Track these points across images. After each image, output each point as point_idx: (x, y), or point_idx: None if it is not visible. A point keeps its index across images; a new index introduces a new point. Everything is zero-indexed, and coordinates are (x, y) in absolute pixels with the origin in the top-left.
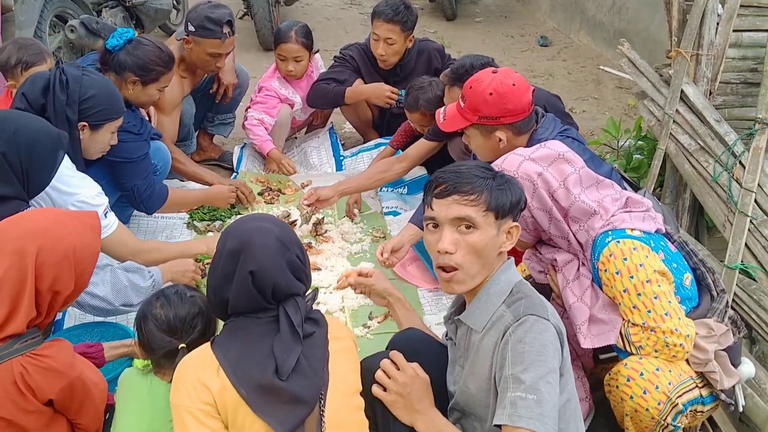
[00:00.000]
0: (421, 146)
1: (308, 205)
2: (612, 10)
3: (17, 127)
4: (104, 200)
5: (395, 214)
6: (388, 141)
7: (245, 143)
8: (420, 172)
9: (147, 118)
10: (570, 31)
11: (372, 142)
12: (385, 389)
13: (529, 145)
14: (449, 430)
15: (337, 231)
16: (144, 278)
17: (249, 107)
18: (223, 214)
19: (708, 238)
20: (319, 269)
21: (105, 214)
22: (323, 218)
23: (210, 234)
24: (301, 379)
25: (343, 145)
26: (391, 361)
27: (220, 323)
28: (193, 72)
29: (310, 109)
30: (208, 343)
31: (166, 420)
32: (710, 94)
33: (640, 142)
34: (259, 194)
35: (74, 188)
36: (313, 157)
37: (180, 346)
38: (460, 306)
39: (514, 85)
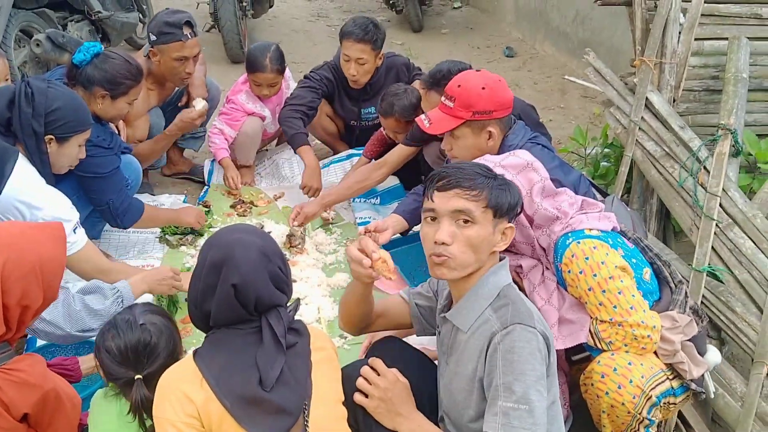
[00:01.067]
0: (400, 151)
1: (299, 225)
2: (576, 20)
3: None
4: (75, 215)
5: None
6: (359, 151)
7: None
8: (393, 182)
9: (116, 132)
10: (535, 41)
11: (344, 153)
12: (366, 396)
13: (500, 151)
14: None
15: (311, 242)
16: (105, 297)
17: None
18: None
19: (675, 242)
20: (294, 281)
21: (74, 230)
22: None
23: (183, 248)
24: (284, 389)
25: None
26: (371, 367)
27: (197, 336)
28: (161, 85)
29: None
30: (191, 355)
31: None
32: (674, 101)
33: (606, 150)
34: (231, 207)
35: (44, 203)
36: (285, 169)
37: (136, 377)
38: (448, 302)
39: (499, 80)
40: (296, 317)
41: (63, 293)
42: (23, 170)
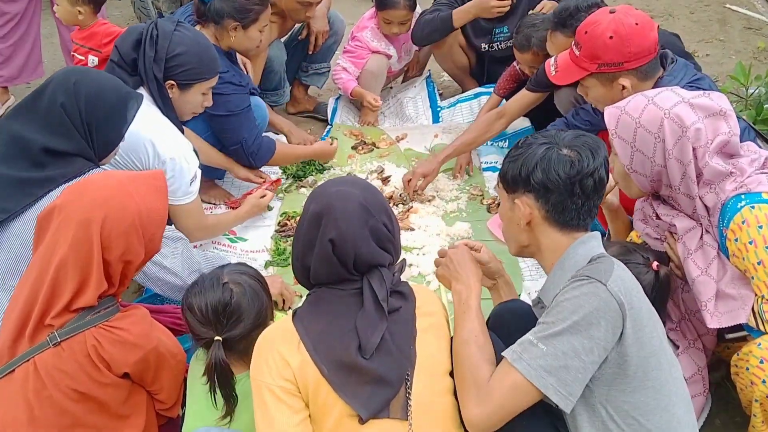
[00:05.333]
0: (522, 99)
1: (414, 191)
2: None
3: (78, 79)
4: (195, 163)
5: (494, 170)
6: (489, 89)
7: (340, 94)
8: (524, 123)
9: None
10: None
11: (471, 92)
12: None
13: None
14: (474, 304)
15: (432, 187)
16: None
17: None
18: (315, 169)
19: None
20: (412, 229)
21: (191, 181)
22: None
23: (303, 190)
24: (385, 357)
25: (440, 95)
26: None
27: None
28: (283, 17)
29: (405, 60)
30: (290, 316)
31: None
32: None
33: None
34: (353, 148)
35: (167, 146)
36: (408, 108)
37: (215, 338)
38: None
39: (636, 24)
40: (414, 269)
41: (181, 244)
42: (146, 113)
